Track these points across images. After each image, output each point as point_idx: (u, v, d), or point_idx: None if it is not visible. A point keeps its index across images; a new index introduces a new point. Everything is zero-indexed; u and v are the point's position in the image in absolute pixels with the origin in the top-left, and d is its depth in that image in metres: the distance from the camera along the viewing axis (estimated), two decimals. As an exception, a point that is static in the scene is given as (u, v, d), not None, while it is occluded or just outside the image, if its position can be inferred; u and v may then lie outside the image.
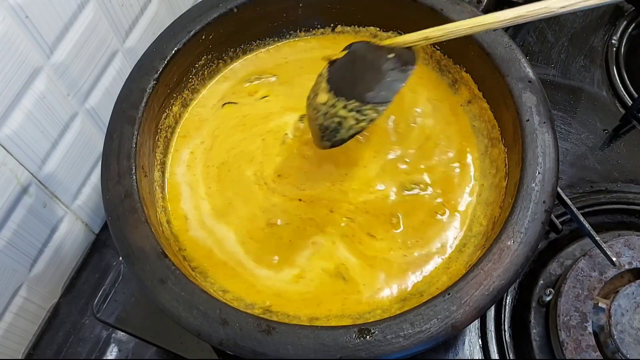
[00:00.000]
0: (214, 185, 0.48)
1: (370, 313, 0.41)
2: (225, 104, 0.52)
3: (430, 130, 0.49)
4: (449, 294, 0.36)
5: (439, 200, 0.46)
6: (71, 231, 0.58)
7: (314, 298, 0.42)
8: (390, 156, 0.48)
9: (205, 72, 0.52)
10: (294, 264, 0.44)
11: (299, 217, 0.46)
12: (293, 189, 0.47)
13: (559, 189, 0.43)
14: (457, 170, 0.47)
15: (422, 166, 0.47)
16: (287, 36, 0.55)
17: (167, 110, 0.49)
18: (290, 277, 0.43)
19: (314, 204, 0.46)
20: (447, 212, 0.45)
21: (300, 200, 0.46)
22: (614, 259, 0.45)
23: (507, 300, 0.53)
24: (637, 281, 0.48)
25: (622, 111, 0.65)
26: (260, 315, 0.37)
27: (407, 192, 0.46)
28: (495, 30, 0.46)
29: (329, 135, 0.42)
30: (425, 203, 0.46)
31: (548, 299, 0.51)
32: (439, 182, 0.47)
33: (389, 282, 0.43)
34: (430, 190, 0.46)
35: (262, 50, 0.55)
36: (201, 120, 0.51)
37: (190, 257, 0.44)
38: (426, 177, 0.47)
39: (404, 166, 0.47)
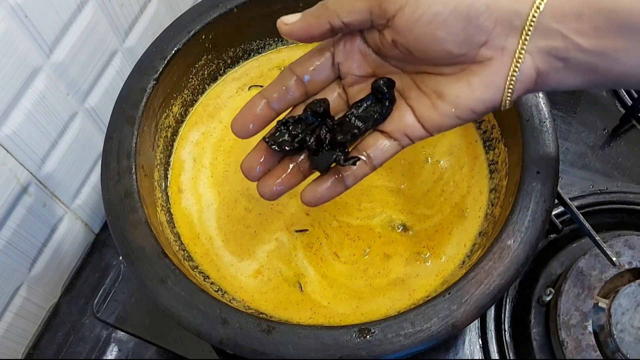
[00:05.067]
0: (222, 155, 0.49)
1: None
2: (251, 87, 0.53)
3: (441, 173, 0.47)
4: (449, 293, 0.36)
5: (422, 246, 0.44)
6: (71, 231, 0.58)
7: (272, 300, 0.43)
8: (391, 184, 0.47)
9: (206, 72, 0.52)
10: (254, 257, 0.44)
11: (269, 206, 0.46)
12: None
13: (559, 189, 0.43)
14: (455, 220, 0.45)
15: (420, 212, 0.46)
16: (287, 36, 0.55)
17: (167, 110, 0.49)
18: (250, 271, 0.44)
19: (296, 194, 0.46)
20: (428, 258, 0.44)
21: None
22: (614, 258, 0.45)
23: (507, 300, 0.53)
24: (637, 281, 0.48)
25: (622, 111, 0.65)
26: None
27: (392, 229, 0.45)
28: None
29: None
30: (406, 245, 0.44)
31: (548, 298, 0.51)
32: (430, 231, 0.45)
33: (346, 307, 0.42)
34: (415, 235, 0.45)
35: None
36: (217, 107, 0.52)
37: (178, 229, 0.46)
38: (418, 224, 0.45)
39: (401, 202, 0.46)
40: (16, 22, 0.43)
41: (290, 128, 0.34)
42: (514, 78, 0.31)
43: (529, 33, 0.30)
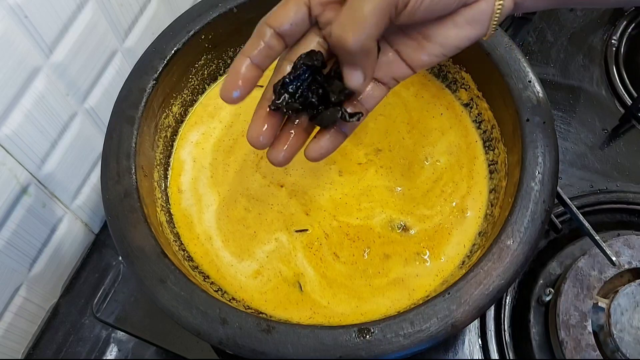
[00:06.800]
0: (221, 156, 0.49)
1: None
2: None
3: (441, 173, 0.48)
4: (448, 293, 0.36)
5: (422, 246, 0.44)
6: (70, 231, 0.58)
7: (272, 300, 0.43)
8: (391, 184, 0.47)
9: (205, 72, 0.52)
10: (253, 258, 0.44)
11: (269, 207, 0.46)
12: (281, 172, 0.47)
13: (558, 189, 0.43)
14: (455, 221, 0.45)
15: (420, 212, 0.46)
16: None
17: (166, 110, 0.49)
18: (250, 271, 0.44)
19: (295, 194, 0.47)
20: (428, 258, 0.44)
21: (282, 186, 0.47)
22: (614, 258, 0.45)
23: (507, 300, 0.53)
24: (637, 280, 0.48)
25: (622, 111, 0.65)
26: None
27: (392, 229, 0.45)
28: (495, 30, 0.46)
29: None
30: (406, 245, 0.44)
31: (548, 298, 0.51)
32: (430, 232, 0.45)
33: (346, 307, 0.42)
34: (415, 235, 0.45)
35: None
36: (217, 107, 0.52)
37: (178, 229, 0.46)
38: (418, 224, 0.45)
39: (400, 202, 0.46)
40: (16, 22, 0.43)
41: (289, 88, 0.34)
42: (497, 13, 0.33)
43: None
